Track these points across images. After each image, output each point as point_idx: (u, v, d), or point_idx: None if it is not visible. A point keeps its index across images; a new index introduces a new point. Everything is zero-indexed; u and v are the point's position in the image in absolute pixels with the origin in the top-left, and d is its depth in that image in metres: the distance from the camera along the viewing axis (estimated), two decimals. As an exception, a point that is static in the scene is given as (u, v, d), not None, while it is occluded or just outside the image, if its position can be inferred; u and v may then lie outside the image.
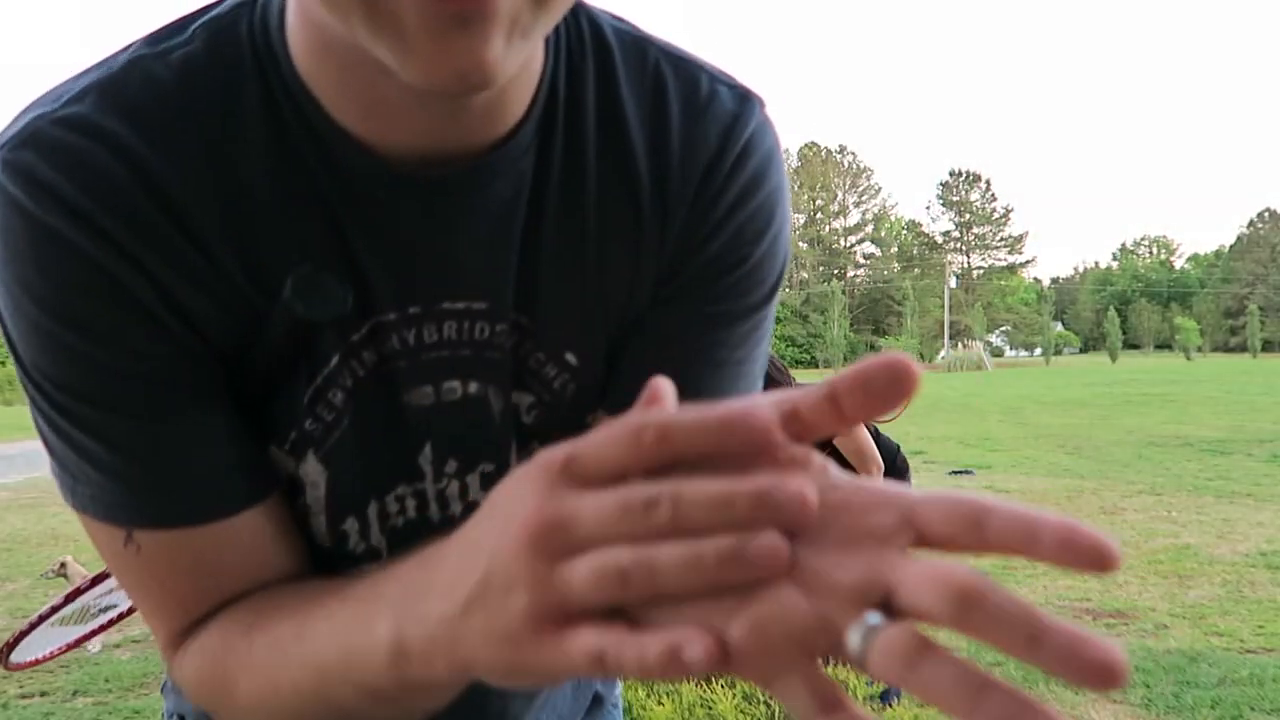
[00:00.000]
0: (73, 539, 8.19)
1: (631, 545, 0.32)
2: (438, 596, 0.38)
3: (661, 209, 0.61)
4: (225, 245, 0.54)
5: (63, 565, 5.07)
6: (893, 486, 0.32)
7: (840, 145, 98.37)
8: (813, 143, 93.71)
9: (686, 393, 0.50)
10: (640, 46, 0.61)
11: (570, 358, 0.63)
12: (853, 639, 0.30)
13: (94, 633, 1.48)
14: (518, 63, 0.46)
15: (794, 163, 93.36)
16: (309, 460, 0.60)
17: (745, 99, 0.63)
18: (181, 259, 0.53)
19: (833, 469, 0.34)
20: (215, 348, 0.56)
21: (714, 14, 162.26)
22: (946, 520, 0.31)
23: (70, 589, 1.43)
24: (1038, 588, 5.65)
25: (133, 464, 0.54)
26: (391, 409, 0.60)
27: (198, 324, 0.55)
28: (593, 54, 0.59)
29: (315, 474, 0.60)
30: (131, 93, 0.52)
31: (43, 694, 4.36)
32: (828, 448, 3.47)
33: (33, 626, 1.44)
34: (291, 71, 0.53)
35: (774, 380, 3.43)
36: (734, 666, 0.31)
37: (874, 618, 0.30)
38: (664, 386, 0.38)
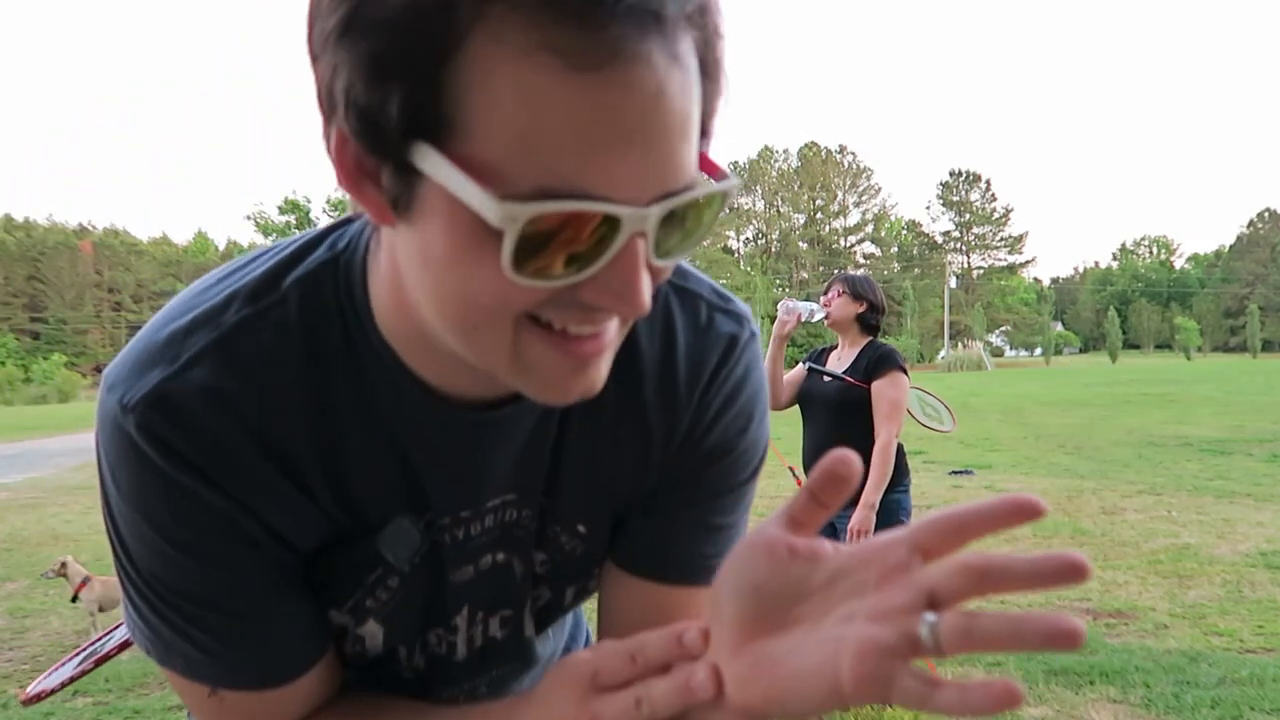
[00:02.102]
0: (73, 539, 8.19)
1: None
2: None
3: (669, 418, 0.73)
4: (322, 481, 0.66)
5: (63, 565, 5.07)
6: (883, 534, 0.47)
7: (840, 145, 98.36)
8: (813, 143, 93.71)
9: (688, 552, 0.77)
10: None
11: (581, 528, 0.77)
12: (923, 634, 0.42)
13: (95, 665, 1.50)
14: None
15: (794, 163, 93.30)
16: (369, 623, 0.73)
17: (738, 321, 0.76)
18: (285, 499, 0.64)
19: (833, 547, 0.50)
20: (301, 553, 0.68)
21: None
22: (938, 534, 0.45)
23: (99, 656, 1.45)
24: (1038, 588, 5.65)
25: (226, 646, 0.67)
26: (438, 583, 0.74)
27: (291, 541, 0.67)
28: None
29: (374, 630, 0.74)
30: (242, 355, 0.62)
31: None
32: (865, 397, 3.49)
33: (63, 685, 1.47)
34: (375, 332, 0.64)
35: (873, 289, 3.64)
36: (857, 697, 0.44)
37: (930, 616, 0.43)
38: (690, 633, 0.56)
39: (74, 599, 5.05)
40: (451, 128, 0.47)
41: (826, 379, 3.64)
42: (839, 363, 3.69)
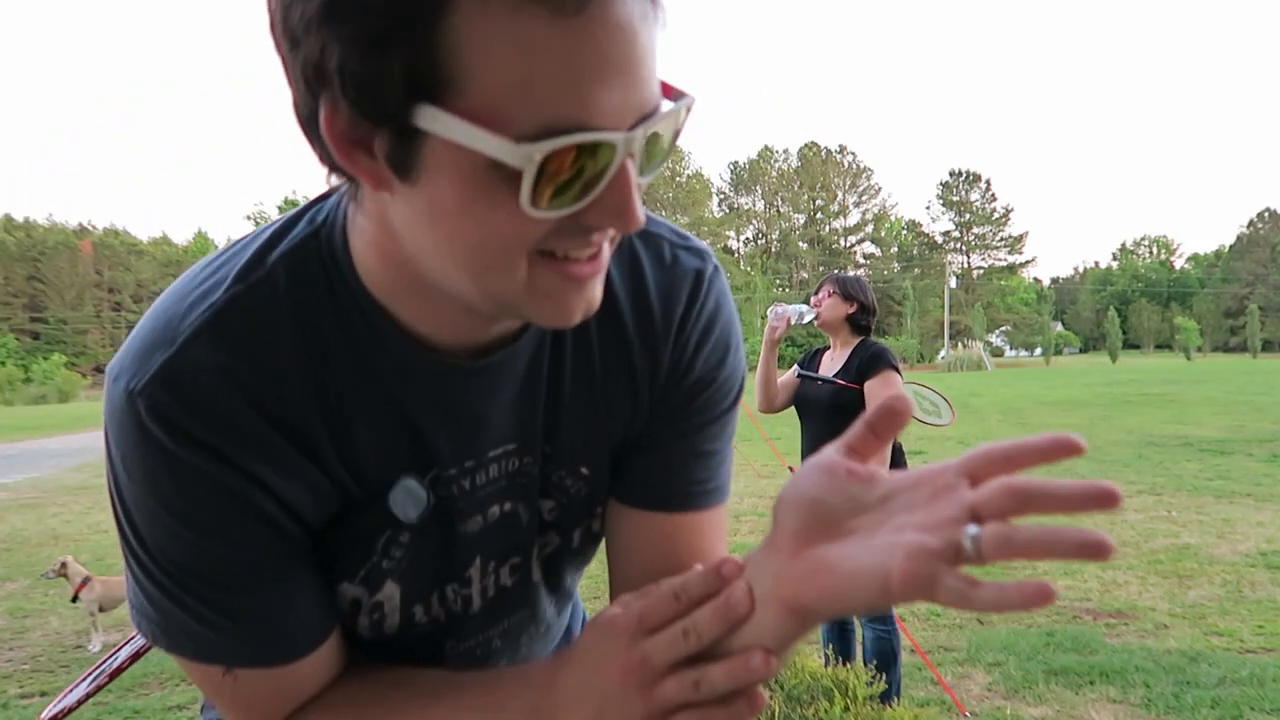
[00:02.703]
0: (72, 539, 8.19)
1: (688, 669, 0.61)
2: (564, 714, 0.65)
3: (650, 355, 0.78)
4: (328, 446, 0.68)
5: (63, 565, 5.07)
6: (937, 462, 0.52)
7: (840, 145, 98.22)
8: (813, 143, 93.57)
9: (684, 480, 0.82)
10: None
11: (584, 470, 0.81)
12: (966, 544, 0.47)
13: (109, 679, 1.52)
14: None
15: (794, 163, 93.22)
16: (387, 585, 0.75)
17: (700, 256, 0.80)
18: (292, 467, 0.66)
19: (888, 472, 0.55)
20: (309, 526, 0.69)
21: (716, 14, 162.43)
22: (985, 463, 0.50)
23: (113, 669, 1.46)
24: (1038, 588, 5.64)
25: (239, 624, 0.68)
26: (448, 535, 0.77)
27: (300, 513, 0.68)
28: None
29: (391, 592, 0.76)
30: (237, 329, 0.64)
31: (42, 694, 4.35)
32: (859, 397, 3.49)
33: (79, 703, 1.47)
34: (362, 292, 0.67)
35: (863, 289, 3.60)
36: (904, 595, 0.48)
37: (972, 528, 0.47)
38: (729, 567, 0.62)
39: (74, 599, 5.05)
40: (449, 85, 0.50)
41: (820, 382, 3.63)
42: (831, 363, 3.68)
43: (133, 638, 1.53)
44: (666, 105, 0.57)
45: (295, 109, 0.56)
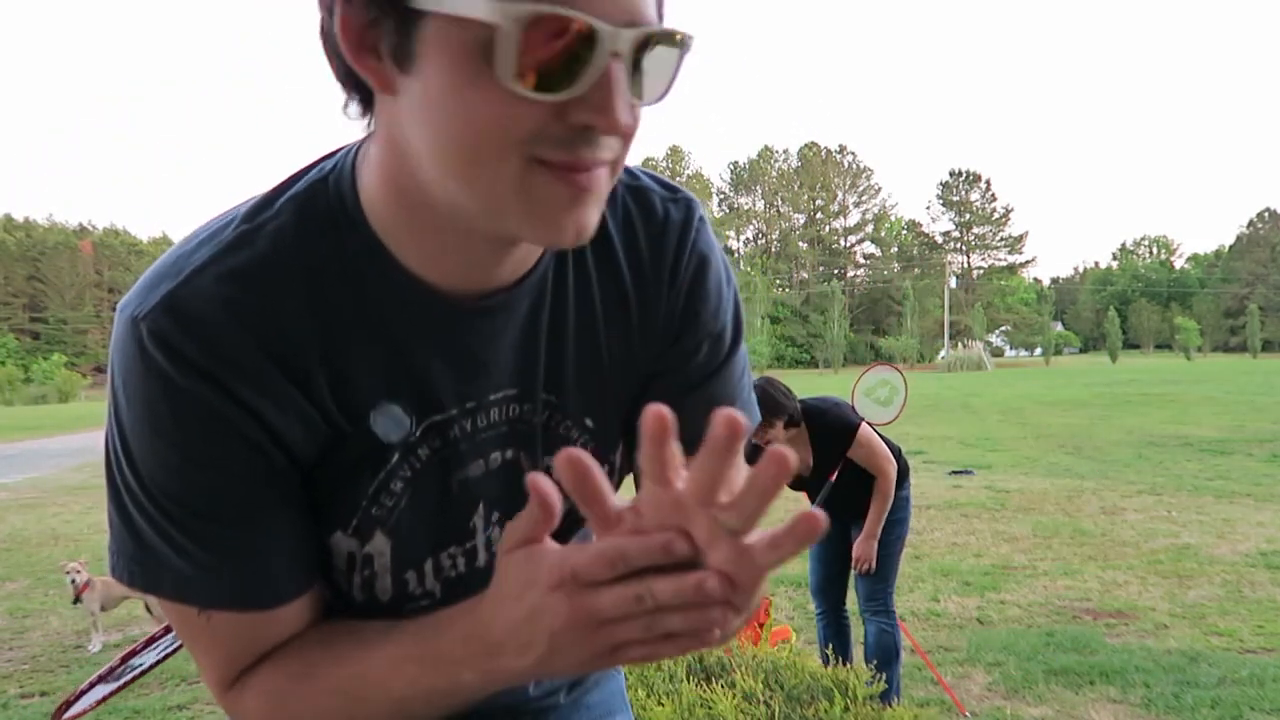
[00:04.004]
0: (72, 539, 8.19)
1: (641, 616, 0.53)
2: (511, 656, 0.58)
3: (642, 301, 0.79)
4: (325, 387, 0.68)
5: (78, 572, 5.00)
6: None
7: (840, 145, 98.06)
8: (813, 143, 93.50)
9: (735, 400, 0.84)
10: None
11: (589, 421, 0.80)
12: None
13: (128, 684, 1.51)
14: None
15: (794, 163, 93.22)
16: (377, 537, 0.74)
17: (688, 207, 0.82)
18: (286, 401, 0.66)
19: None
20: (300, 463, 0.69)
21: (715, 14, 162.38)
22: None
23: (125, 652, 1.45)
24: (1037, 587, 5.65)
25: (220, 561, 0.67)
26: (445, 485, 0.76)
27: (291, 448, 0.68)
28: None
29: (382, 545, 0.75)
30: (242, 264, 0.65)
31: (43, 694, 4.36)
32: (845, 461, 3.54)
33: (92, 685, 1.46)
34: (368, 231, 0.68)
35: (776, 402, 3.47)
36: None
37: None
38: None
39: (75, 600, 5.05)
40: None
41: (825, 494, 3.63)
42: (808, 464, 3.62)
43: (135, 651, 1.52)
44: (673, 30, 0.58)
45: (321, 31, 0.60)
